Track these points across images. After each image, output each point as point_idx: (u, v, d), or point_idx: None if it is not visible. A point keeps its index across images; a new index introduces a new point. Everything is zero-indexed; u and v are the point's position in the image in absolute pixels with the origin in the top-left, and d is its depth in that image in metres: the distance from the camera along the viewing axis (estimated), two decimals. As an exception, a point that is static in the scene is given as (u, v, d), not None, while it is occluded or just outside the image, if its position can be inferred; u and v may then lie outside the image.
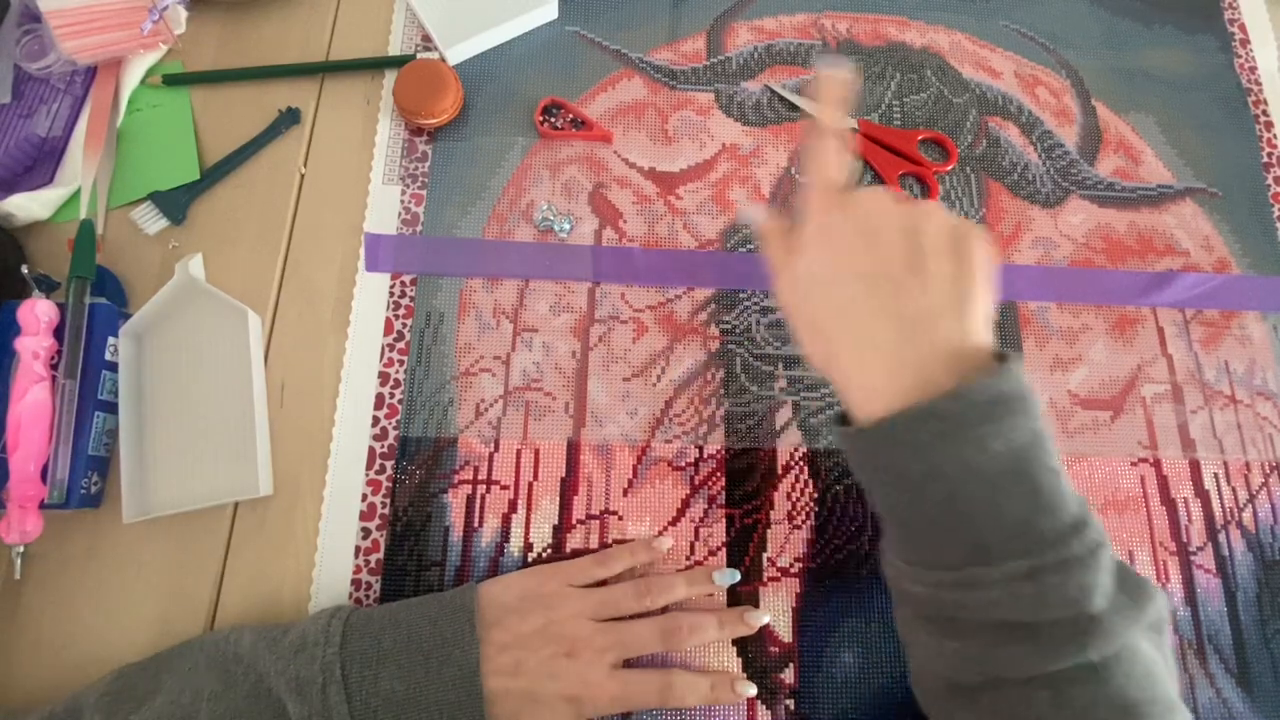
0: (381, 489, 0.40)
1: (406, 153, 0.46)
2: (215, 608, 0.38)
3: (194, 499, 0.38)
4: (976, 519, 0.26)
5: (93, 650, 0.37)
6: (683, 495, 0.40)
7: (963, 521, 0.26)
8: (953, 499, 0.26)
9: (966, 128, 0.48)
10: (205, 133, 0.46)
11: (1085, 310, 0.44)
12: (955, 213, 0.46)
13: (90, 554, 0.38)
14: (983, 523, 0.26)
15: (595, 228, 0.45)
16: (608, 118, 0.47)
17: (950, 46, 0.50)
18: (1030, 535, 0.25)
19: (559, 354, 0.42)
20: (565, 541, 0.39)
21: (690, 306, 0.44)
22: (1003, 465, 0.25)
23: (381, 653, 0.32)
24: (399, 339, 0.42)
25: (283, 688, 0.31)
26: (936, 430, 0.26)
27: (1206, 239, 0.46)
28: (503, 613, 0.34)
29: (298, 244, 0.44)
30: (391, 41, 0.49)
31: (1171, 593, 0.39)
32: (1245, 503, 0.41)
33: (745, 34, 0.50)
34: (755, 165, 0.47)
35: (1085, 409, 0.42)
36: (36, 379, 0.37)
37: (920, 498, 0.27)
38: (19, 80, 0.46)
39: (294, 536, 0.39)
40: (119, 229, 0.44)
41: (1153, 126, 0.49)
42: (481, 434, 0.41)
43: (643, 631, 0.35)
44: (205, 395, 0.40)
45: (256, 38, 0.48)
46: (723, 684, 0.36)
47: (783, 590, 0.39)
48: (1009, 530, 0.25)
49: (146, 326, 0.41)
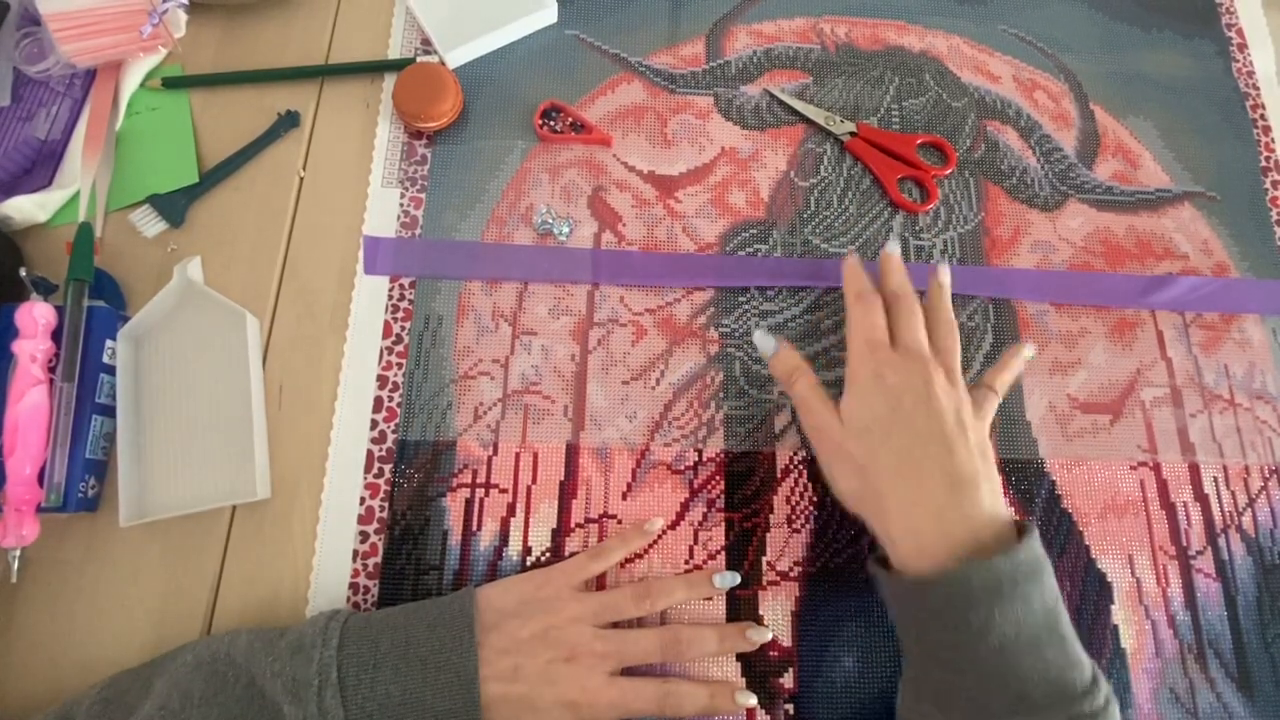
0: (380, 492, 0.40)
1: (406, 156, 0.46)
2: (212, 611, 0.38)
3: (191, 502, 0.38)
4: (1022, 671, 0.28)
5: (89, 654, 0.37)
6: (682, 499, 0.40)
7: (1011, 673, 0.29)
8: (1003, 651, 0.28)
9: (965, 131, 0.48)
10: (204, 135, 0.46)
11: (1084, 313, 0.44)
12: (954, 220, 0.46)
13: (87, 557, 0.38)
14: (1027, 675, 0.28)
15: (594, 231, 0.45)
16: (607, 121, 0.47)
17: (949, 51, 0.50)
18: (1064, 687, 0.28)
19: (558, 357, 0.42)
20: (564, 545, 0.39)
21: (689, 310, 0.44)
22: (1043, 621, 0.29)
23: (379, 657, 0.32)
24: (397, 342, 0.42)
25: (278, 690, 0.31)
26: (994, 587, 0.29)
27: (1205, 243, 0.46)
28: (501, 617, 0.34)
29: (296, 247, 0.44)
30: (391, 45, 0.49)
31: (1172, 597, 0.39)
32: (1245, 506, 0.41)
33: (744, 38, 0.50)
34: (754, 169, 0.47)
35: (1085, 413, 0.42)
36: (34, 382, 0.37)
37: (976, 647, 0.29)
38: (18, 83, 0.46)
39: (292, 540, 0.39)
40: (117, 232, 0.44)
41: (1151, 130, 0.49)
42: (480, 437, 0.41)
43: (643, 641, 0.35)
44: (203, 398, 0.40)
45: (256, 41, 0.48)
46: (722, 694, 0.35)
47: (782, 594, 0.39)
48: (1048, 683, 0.28)
49: (145, 329, 0.41)
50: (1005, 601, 0.29)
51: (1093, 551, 0.40)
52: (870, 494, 0.33)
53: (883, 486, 0.32)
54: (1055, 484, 0.41)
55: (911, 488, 0.32)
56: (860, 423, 0.34)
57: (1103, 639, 0.38)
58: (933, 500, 0.31)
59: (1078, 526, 0.40)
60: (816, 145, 0.48)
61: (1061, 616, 0.30)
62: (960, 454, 0.32)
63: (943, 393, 0.33)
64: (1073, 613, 0.38)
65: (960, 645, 0.29)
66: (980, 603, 0.29)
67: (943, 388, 0.34)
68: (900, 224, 0.46)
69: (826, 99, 0.49)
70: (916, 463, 0.32)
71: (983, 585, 0.29)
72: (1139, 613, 0.39)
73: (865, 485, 0.33)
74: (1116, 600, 0.39)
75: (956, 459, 0.31)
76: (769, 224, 0.46)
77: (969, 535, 0.30)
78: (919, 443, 0.32)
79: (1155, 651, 0.38)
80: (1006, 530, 0.31)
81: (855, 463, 0.33)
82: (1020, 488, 0.41)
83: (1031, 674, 0.29)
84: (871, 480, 0.33)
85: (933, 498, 0.31)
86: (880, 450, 0.33)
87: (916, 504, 0.31)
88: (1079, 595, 0.39)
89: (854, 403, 0.34)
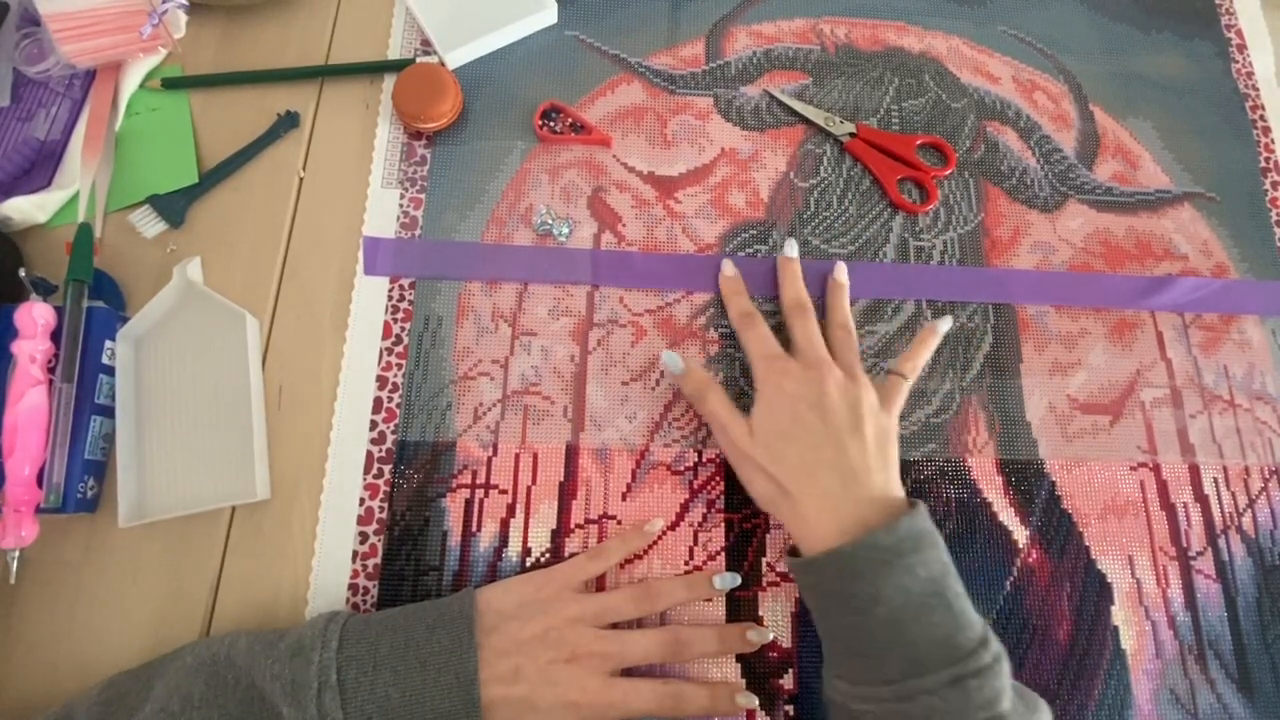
0: (379, 493, 0.40)
1: (405, 156, 0.46)
2: (211, 612, 0.38)
3: (191, 503, 0.38)
4: (911, 635, 0.31)
5: (88, 655, 0.37)
6: (682, 499, 0.40)
7: (901, 638, 0.31)
8: (893, 619, 0.31)
9: (965, 132, 0.48)
10: (204, 136, 0.46)
11: (1084, 314, 0.44)
12: (954, 220, 0.46)
13: (86, 558, 0.38)
14: (916, 638, 0.31)
15: (594, 231, 0.45)
16: (607, 122, 0.47)
17: (948, 51, 0.50)
18: (952, 648, 0.30)
19: (558, 358, 0.42)
20: (564, 546, 0.39)
21: (689, 310, 0.44)
22: (928, 588, 0.31)
23: (378, 659, 0.32)
24: (397, 343, 0.42)
25: (277, 692, 0.31)
26: (878, 559, 0.31)
27: (1205, 244, 0.46)
28: (501, 619, 0.34)
29: (296, 248, 0.44)
30: (391, 45, 0.49)
31: (1172, 598, 0.39)
32: (1245, 507, 0.41)
33: (744, 39, 0.50)
34: (754, 169, 0.47)
35: (1085, 413, 0.42)
36: (33, 382, 0.37)
37: (866, 618, 0.31)
38: (18, 83, 0.46)
39: (291, 541, 0.39)
40: (117, 232, 0.44)
41: (1151, 131, 0.49)
42: (480, 438, 0.41)
43: (643, 641, 0.35)
44: (203, 399, 0.40)
45: (255, 42, 0.48)
46: (723, 695, 0.35)
47: (782, 595, 0.39)
48: (936, 644, 0.31)
49: (144, 330, 0.41)
50: (890, 572, 0.31)
51: (1093, 552, 0.40)
52: (778, 495, 0.36)
53: (788, 487, 0.35)
54: (1055, 485, 0.41)
55: (810, 485, 0.34)
56: (765, 431, 0.36)
57: (1103, 640, 0.38)
58: (828, 495, 0.34)
59: (1078, 527, 0.40)
60: (816, 146, 0.48)
61: (949, 584, 0.32)
62: (852, 450, 0.35)
63: (838, 393, 0.36)
64: (1073, 614, 0.38)
65: (854, 618, 0.32)
66: (865, 575, 0.31)
67: (839, 387, 0.36)
68: (900, 225, 0.46)
69: (826, 100, 0.49)
70: (813, 464, 0.35)
71: (866, 558, 0.32)
72: (1139, 614, 0.39)
73: (773, 487, 0.36)
74: (1117, 601, 0.39)
75: (849, 455, 0.34)
76: (769, 225, 0.46)
77: (857, 520, 0.33)
78: (815, 445, 0.35)
79: (1155, 653, 0.38)
80: (896, 511, 0.33)
81: (763, 469, 0.36)
82: (1020, 488, 0.41)
83: (919, 638, 0.31)
84: (778, 482, 0.35)
85: (828, 492, 0.34)
86: (784, 454, 0.35)
87: (814, 499, 0.34)
88: (1079, 596, 0.39)
89: (759, 413, 0.37)
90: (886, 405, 0.38)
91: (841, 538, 0.33)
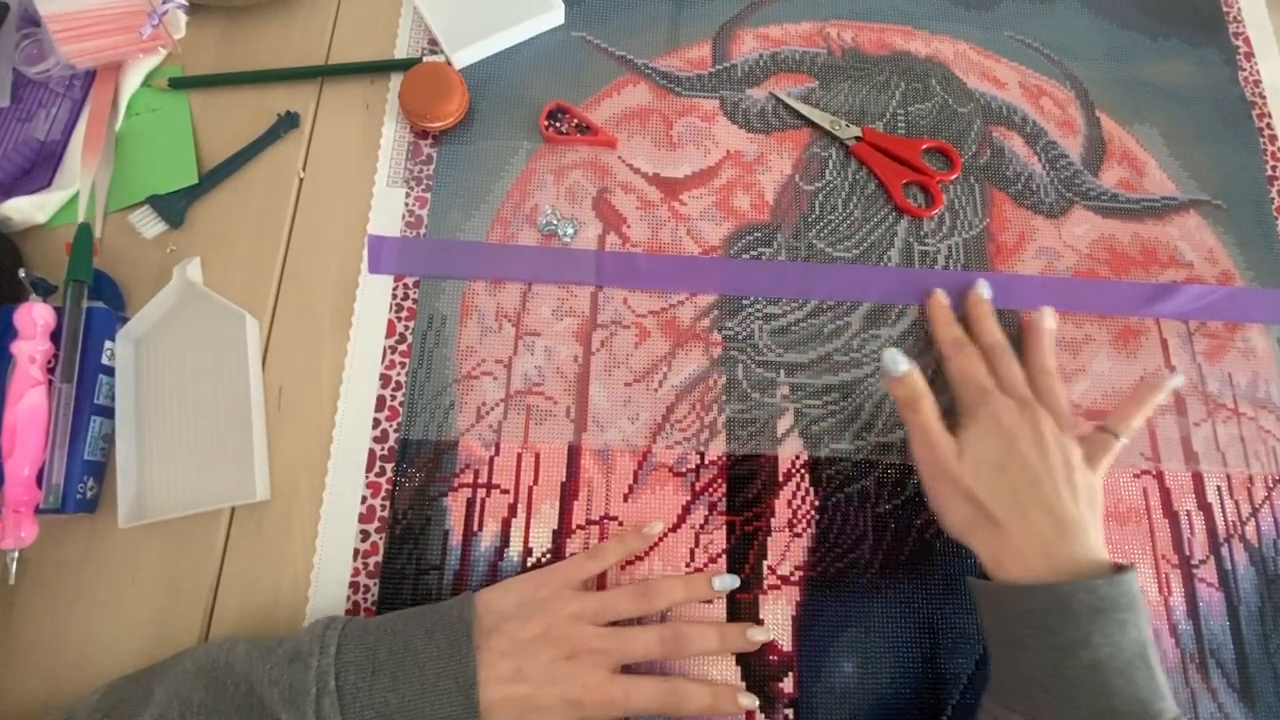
0: (381, 492, 0.39)
1: (411, 155, 0.46)
2: (211, 612, 0.37)
3: (190, 504, 0.38)
4: (1112, 689, 0.30)
5: (88, 656, 0.36)
6: (683, 501, 0.40)
7: (1100, 689, 0.30)
8: (1095, 668, 0.30)
9: (971, 137, 0.48)
10: (204, 136, 0.46)
11: (1088, 321, 0.44)
12: (959, 225, 0.46)
13: (86, 559, 0.38)
14: (1116, 693, 0.30)
15: (599, 232, 0.45)
16: (613, 123, 0.47)
17: (955, 56, 0.50)
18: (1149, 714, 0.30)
19: (561, 358, 0.42)
20: (565, 546, 0.39)
21: (693, 312, 0.44)
22: (1135, 649, 0.31)
23: (377, 664, 0.32)
24: (401, 341, 0.42)
25: (275, 699, 0.31)
26: (1094, 606, 0.31)
27: (1210, 251, 0.46)
28: (501, 620, 0.34)
29: (296, 248, 0.44)
30: (398, 45, 0.49)
31: (1174, 606, 0.39)
32: (1248, 516, 0.41)
33: (750, 41, 0.50)
34: (759, 172, 0.47)
35: (1088, 420, 0.42)
36: (33, 383, 0.37)
37: (1067, 660, 0.31)
38: (18, 84, 0.45)
39: (291, 540, 0.39)
40: (117, 233, 0.43)
41: (1157, 138, 0.49)
42: (482, 437, 0.41)
43: (644, 637, 0.35)
44: (202, 399, 0.40)
45: (255, 42, 0.48)
46: (724, 694, 0.35)
47: (783, 598, 0.38)
48: (1133, 703, 0.30)
49: (144, 330, 0.41)
50: (1104, 621, 0.30)
51: (1095, 559, 0.40)
52: (981, 521, 0.35)
53: (997, 516, 0.34)
54: (1058, 491, 0.41)
55: (1021, 521, 0.34)
56: (977, 457, 0.36)
57: (1105, 647, 0.38)
58: (1040, 535, 0.33)
59: (1081, 534, 0.40)
60: (822, 149, 0.47)
61: (1153, 652, 0.31)
62: (1065, 496, 0.34)
63: (1052, 438, 0.35)
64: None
65: (1053, 655, 0.31)
66: (1079, 617, 0.31)
67: (1052, 433, 0.36)
68: (905, 229, 0.46)
69: (832, 103, 0.48)
70: (1027, 501, 0.34)
71: (1083, 602, 0.31)
72: (1141, 621, 0.39)
73: (975, 513, 0.35)
74: (1119, 609, 0.39)
75: (1063, 501, 0.34)
76: (773, 227, 0.45)
77: (1072, 566, 0.32)
78: (1031, 482, 0.34)
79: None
80: (1106, 569, 0.33)
81: (968, 492, 0.35)
82: (1023, 495, 0.41)
83: (1119, 694, 0.30)
84: (985, 510, 0.34)
85: (1040, 533, 0.33)
86: (995, 483, 0.35)
87: (1026, 536, 0.33)
88: (1081, 603, 0.39)
89: (972, 438, 0.36)
90: (1091, 462, 0.36)
91: (1056, 576, 0.32)
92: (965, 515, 0.35)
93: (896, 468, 0.41)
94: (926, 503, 0.38)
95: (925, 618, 0.38)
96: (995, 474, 0.35)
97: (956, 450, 0.36)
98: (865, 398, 0.42)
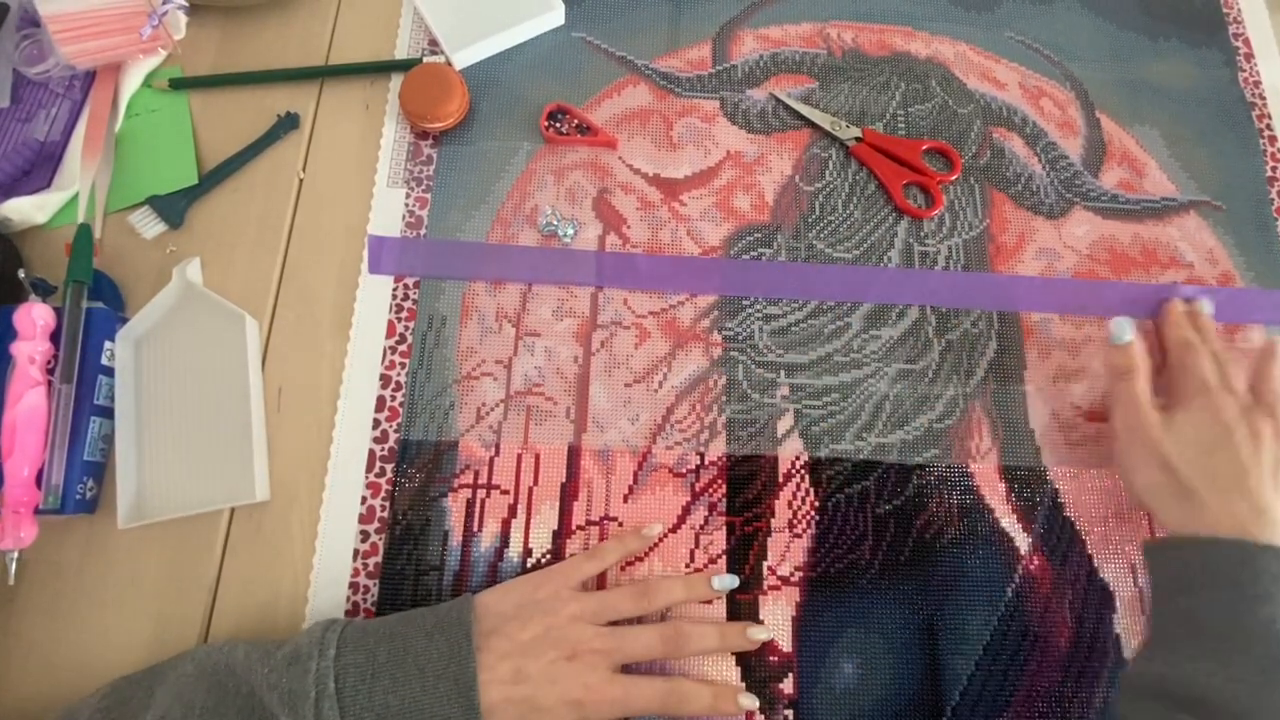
0: (381, 492, 0.39)
1: (411, 156, 0.46)
2: (211, 612, 0.37)
3: (190, 504, 0.38)
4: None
5: (87, 656, 0.36)
6: (683, 502, 0.40)
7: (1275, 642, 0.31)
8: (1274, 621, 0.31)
9: (971, 138, 0.48)
10: (204, 137, 0.46)
11: (1089, 322, 0.44)
12: (959, 226, 0.46)
13: (85, 559, 0.38)
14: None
15: (599, 233, 0.45)
16: (613, 124, 0.47)
17: (955, 57, 0.50)
18: None
19: (561, 359, 0.42)
20: (565, 547, 0.39)
21: (693, 313, 0.44)
22: None
23: (376, 666, 0.32)
24: (401, 341, 0.42)
25: (275, 702, 0.30)
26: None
27: (1210, 252, 0.46)
28: (501, 621, 0.34)
29: (296, 248, 0.44)
30: (399, 45, 0.49)
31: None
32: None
33: (751, 42, 0.50)
34: (759, 173, 0.47)
35: (1089, 421, 0.42)
36: (32, 384, 0.37)
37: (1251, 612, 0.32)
38: (18, 84, 0.45)
39: (291, 540, 0.39)
40: (117, 233, 0.43)
41: (1157, 139, 0.49)
42: (482, 438, 0.41)
43: (644, 636, 0.35)
44: (202, 400, 0.40)
45: (255, 42, 0.48)
46: (725, 694, 0.35)
47: (783, 599, 0.38)
48: None
49: (143, 331, 0.41)
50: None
51: (1095, 560, 0.40)
52: (1175, 492, 0.36)
53: (1194, 490, 0.35)
54: (1058, 492, 0.41)
55: (1219, 499, 0.35)
56: (1185, 434, 0.36)
57: (1104, 648, 0.38)
58: (1237, 517, 0.34)
59: (1080, 535, 0.40)
60: (822, 150, 0.47)
61: None
62: (1268, 494, 0.34)
63: (1270, 439, 0.36)
64: (1074, 621, 0.38)
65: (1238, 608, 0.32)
66: (1263, 577, 0.32)
67: (1271, 436, 0.36)
68: (905, 230, 0.46)
69: (832, 104, 0.48)
70: (1229, 483, 0.35)
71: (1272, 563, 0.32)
72: (1141, 622, 0.39)
73: (1169, 481, 0.36)
74: (1118, 609, 0.39)
75: (1265, 495, 0.34)
76: (773, 228, 0.45)
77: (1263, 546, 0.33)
78: (1240, 469, 0.35)
79: (1157, 661, 0.38)
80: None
81: (1165, 460, 0.36)
82: (1023, 495, 0.41)
83: None
84: (1178, 480, 0.35)
85: (1238, 515, 0.34)
86: (1197, 462, 0.36)
87: (1225, 515, 0.34)
88: (1081, 604, 0.39)
89: (1186, 418, 0.37)
90: None
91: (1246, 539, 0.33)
92: (1155, 480, 0.36)
93: (896, 468, 0.41)
94: (928, 504, 0.38)
95: (925, 618, 0.38)
96: (1201, 455, 0.36)
97: (1162, 423, 0.37)
98: (865, 398, 0.42)
